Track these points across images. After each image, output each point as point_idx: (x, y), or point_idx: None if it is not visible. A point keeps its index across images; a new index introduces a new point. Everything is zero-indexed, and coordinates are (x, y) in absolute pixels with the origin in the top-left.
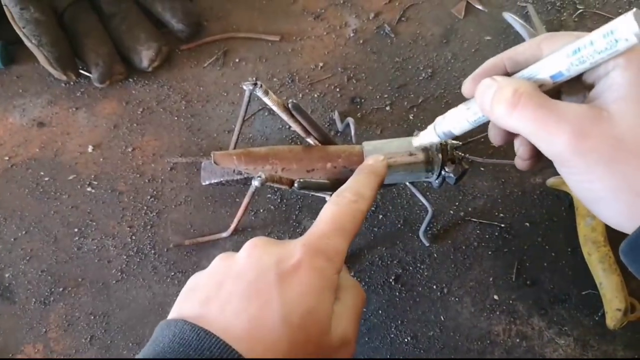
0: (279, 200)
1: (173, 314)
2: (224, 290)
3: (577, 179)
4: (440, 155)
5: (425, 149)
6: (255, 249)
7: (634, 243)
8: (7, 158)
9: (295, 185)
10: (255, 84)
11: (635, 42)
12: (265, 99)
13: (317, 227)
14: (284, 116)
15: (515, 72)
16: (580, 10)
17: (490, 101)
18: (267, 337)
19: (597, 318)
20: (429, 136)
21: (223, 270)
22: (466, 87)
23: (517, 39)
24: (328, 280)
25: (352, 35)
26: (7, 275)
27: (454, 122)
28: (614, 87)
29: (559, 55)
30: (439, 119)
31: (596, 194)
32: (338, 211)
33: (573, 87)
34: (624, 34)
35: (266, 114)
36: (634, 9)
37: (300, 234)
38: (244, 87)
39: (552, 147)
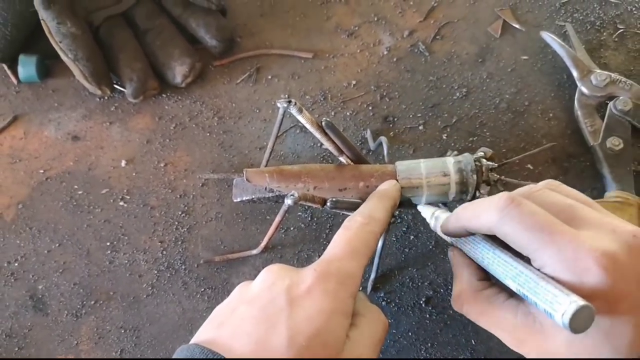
0: (309, 219)
1: (192, 340)
2: (236, 315)
3: None
4: (474, 177)
5: (460, 170)
6: (269, 274)
7: None
8: (42, 171)
9: (328, 204)
10: (290, 102)
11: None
12: (299, 117)
13: (328, 252)
14: (318, 134)
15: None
16: (621, 30)
17: None
18: (272, 358)
19: None
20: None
21: (238, 297)
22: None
23: (555, 59)
24: (340, 303)
25: (385, 53)
26: (40, 287)
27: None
28: None
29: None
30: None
31: None
32: (349, 234)
33: None
34: (558, 317)
35: (298, 131)
36: (581, 304)
37: None
38: (278, 105)
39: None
